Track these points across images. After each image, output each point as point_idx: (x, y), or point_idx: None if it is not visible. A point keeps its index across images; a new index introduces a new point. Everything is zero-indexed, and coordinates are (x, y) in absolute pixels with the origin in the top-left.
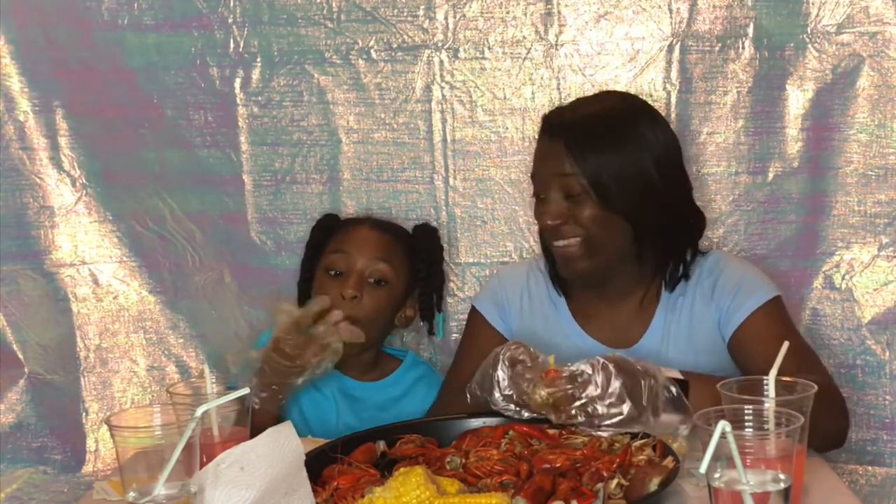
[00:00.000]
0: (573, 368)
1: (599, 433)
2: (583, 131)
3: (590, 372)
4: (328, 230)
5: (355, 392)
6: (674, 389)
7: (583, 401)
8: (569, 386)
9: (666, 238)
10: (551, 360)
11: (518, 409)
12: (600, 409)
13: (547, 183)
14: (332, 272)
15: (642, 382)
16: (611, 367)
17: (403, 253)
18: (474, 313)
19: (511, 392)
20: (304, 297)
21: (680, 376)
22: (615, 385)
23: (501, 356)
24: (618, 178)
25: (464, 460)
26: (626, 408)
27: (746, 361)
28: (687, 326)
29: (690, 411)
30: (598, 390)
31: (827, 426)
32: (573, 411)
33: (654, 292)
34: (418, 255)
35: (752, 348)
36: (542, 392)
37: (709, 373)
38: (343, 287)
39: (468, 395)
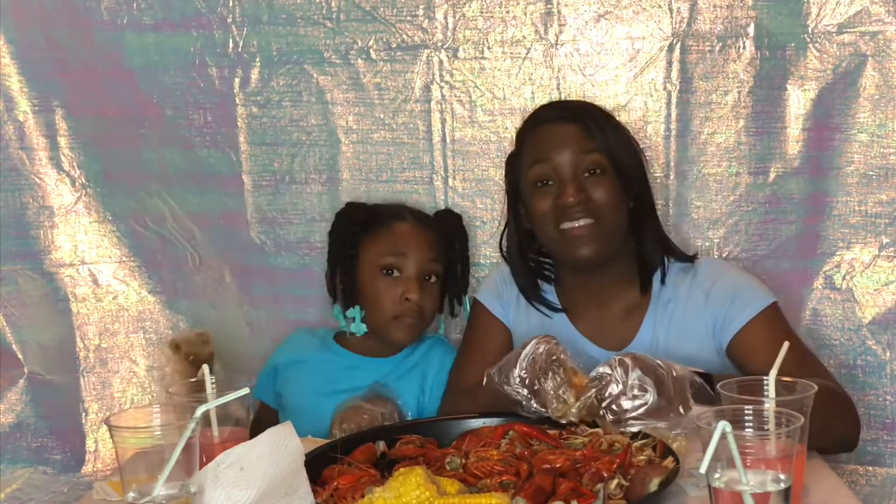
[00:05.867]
0: (593, 375)
1: (630, 429)
2: (595, 114)
3: (609, 372)
4: (363, 223)
5: (360, 365)
6: (698, 380)
7: (607, 401)
8: (592, 391)
9: (654, 231)
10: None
11: (529, 396)
12: (625, 403)
13: (562, 164)
14: (387, 271)
15: (665, 375)
16: (627, 360)
17: (441, 245)
18: (477, 307)
19: (527, 376)
20: (346, 294)
21: (701, 371)
22: (633, 377)
23: (533, 347)
24: (629, 156)
25: (464, 460)
26: (650, 397)
27: (748, 367)
28: (677, 332)
29: (718, 402)
30: (620, 387)
31: (842, 431)
32: (601, 412)
33: (642, 297)
34: (448, 243)
35: (753, 354)
36: (573, 410)
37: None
38: (406, 290)
39: (485, 378)
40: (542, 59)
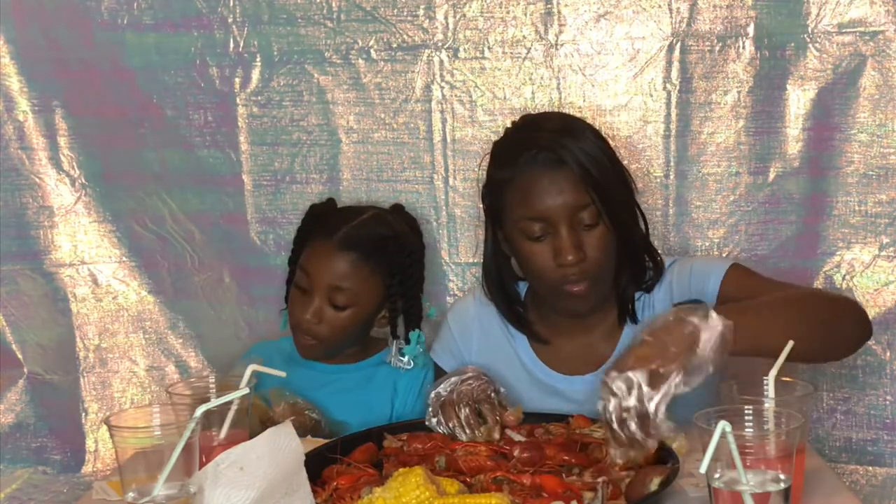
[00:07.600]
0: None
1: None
2: (584, 154)
3: (605, 399)
4: (309, 229)
5: (324, 375)
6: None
7: (626, 416)
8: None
9: (640, 256)
10: (518, 410)
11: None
12: (629, 403)
13: (559, 218)
14: (299, 288)
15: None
16: (605, 381)
17: (371, 268)
18: (436, 368)
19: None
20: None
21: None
22: (615, 385)
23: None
24: (620, 195)
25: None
26: (638, 376)
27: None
28: None
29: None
30: (613, 399)
31: (852, 329)
32: (630, 430)
33: (616, 323)
34: (390, 266)
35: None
36: (618, 457)
37: None
38: (305, 308)
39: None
40: (543, 59)
